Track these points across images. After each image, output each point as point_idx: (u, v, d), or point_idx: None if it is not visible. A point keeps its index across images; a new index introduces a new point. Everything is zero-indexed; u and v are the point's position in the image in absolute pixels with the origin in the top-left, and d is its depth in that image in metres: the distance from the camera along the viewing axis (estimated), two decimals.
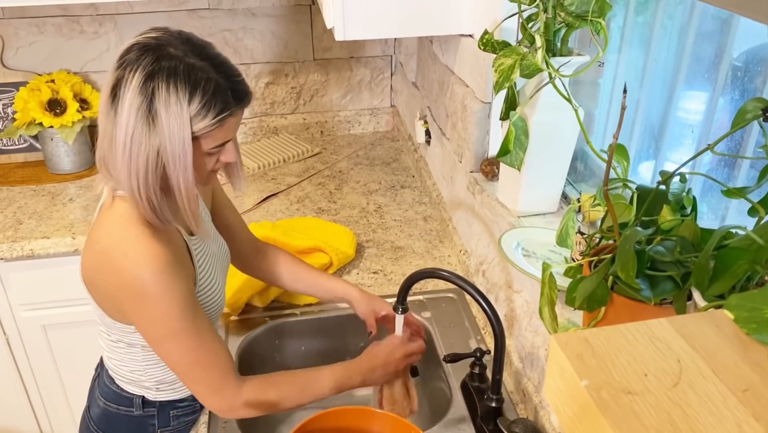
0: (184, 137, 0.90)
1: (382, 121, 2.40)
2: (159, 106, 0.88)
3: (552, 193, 1.24)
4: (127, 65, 0.89)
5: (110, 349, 1.13)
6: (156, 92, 0.87)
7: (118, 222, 0.97)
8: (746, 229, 0.58)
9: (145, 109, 0.88)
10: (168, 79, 0.88)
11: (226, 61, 0.95)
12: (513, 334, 1.26)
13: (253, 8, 2.12)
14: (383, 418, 1.05)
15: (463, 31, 1.43)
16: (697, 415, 0.38)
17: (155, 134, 0.89)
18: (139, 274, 0.94)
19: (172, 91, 0.88)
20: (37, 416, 2.01)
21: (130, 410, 1.17)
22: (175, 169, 0.92)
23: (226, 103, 0.92)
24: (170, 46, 0.90)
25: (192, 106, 0.89)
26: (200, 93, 0.89)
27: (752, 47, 0.87)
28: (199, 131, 0.91)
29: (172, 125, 0.89)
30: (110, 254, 0.96)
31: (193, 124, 0.90)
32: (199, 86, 0.89)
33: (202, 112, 0.90)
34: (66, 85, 1.95)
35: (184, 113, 0.89)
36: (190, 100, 0.89)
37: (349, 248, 1.60)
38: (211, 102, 0.90)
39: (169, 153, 0.91)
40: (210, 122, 0.91)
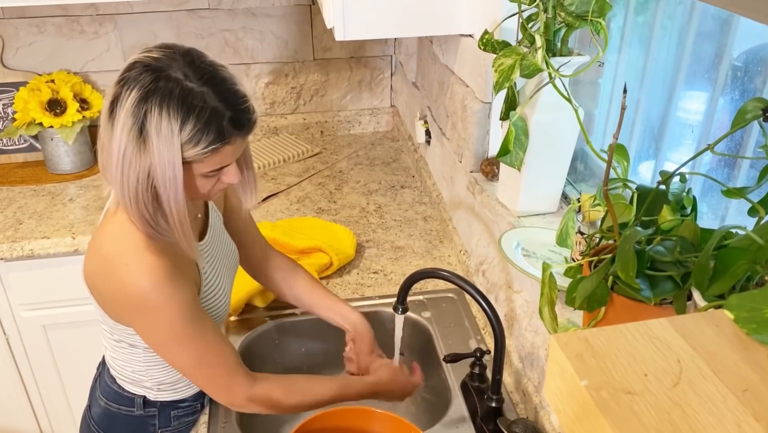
0: (174, 162, 0.88)
1: (382, 121, 2.40)
2: (150, 129, 0.86)
3: (552, 194, 1.24)
4: (126, 83, 0.88)
5: (113, 349, 1.13)
6: (148, 115, 0.86)
7: (122, 230, 0.97)
8: (746, 229, 0.58)
9: (136, 131, 0.86)
10: (162, 102, 0.86)
11: (232, 86, 0.92)
12: (513, 334, 1.26)
13: (253, 8, 2.12)
14: (383, 418, 1.05)
15: (463, 31, 1.43)
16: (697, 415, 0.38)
17: (146, 156, 0.88)
18: (140, 284, 0.94)
19: (164, 116, 0.86)
20: (37, 416, 2.01)
21: (131, 410, 1.17)
22: (166, 191, 0.90)
23: (220, 132, 0.89)
24: (171, 69, 0.88)
25: (184, 133, 0.87)
26: (193, 120, 0.87)
27: (752, 47, 0.87)
28: (191, 158, 0.89)
29: (162, 149, 0.87)
30: (112, 262, 0.96)
31: (184, 150, 0.88)
32: (193, 113, 0.86)
33: (194, 140, 0.88)
34: (66, 85, 1.95)
35: (175, 139, 0.87)
36: (182, 126, 0.86)
37: (349, 247, 1.60)
38: (204, 130, 0.87)
39: (159, 175, 0.89)
40: (202, 150, 0.89)
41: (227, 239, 1.20)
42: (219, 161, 0.93)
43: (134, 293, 0.94)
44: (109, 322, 1.06)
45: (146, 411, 1.17)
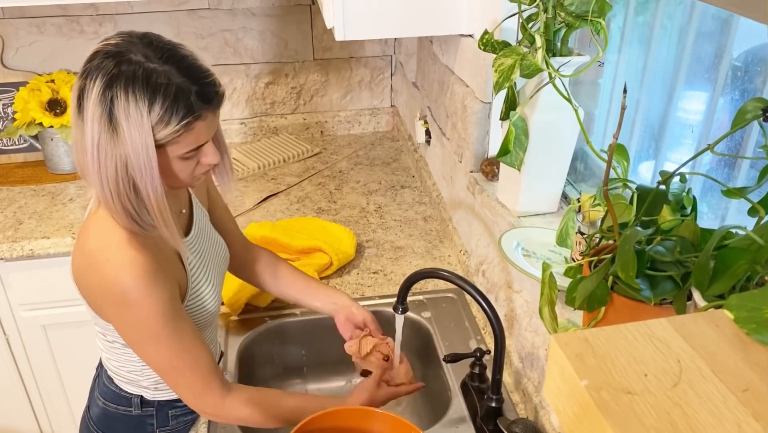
0: (147, 146, 0.87)
1: (382, 121, 2.40)
2: (119, 115, 0.85)
3: (552, 194, 1.24)
4: (89, 74, 0.87)
5: (107, 349, 1.13)
6: (115, 101, 0.85)
7: (103, 226, 0.96)
8: (746, 229, 0.58)
9: (106, 119, 0.86)
10: (126, 86, 0.85)
11: (194, 62, 0.91)
12: (513, 334, 1.26)
13: (253, 8, 2.12)
14: (383, 418, 1.05)
15: (463, 31, 1.43)
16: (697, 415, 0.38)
17: (119, 143, 0.87)
18: (120, 279, 0.93)
19: (131, 99, 0.85)
20: (37, 416, 2.01)
21: (129, 410, 1.17)
22: (143, 177, 0.89)
23: (189, 108, 0.88)
24: (131, 52, 0.87)
25: (153, 114, 0.86)
26: (161, 99, 0.86)
27: (752, 47, 0.86)
28: (164, 138, 0.88)
29: (133, 135, 0.86)
30: (95, 258, 0.96)
31: (156, 132, 0.87)
32: (159, 92, 0.86)
33: (164, 119, 0.87)
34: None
35: (145, 121, 0.86)
36: (150, 108, 0.85)
37: (349, 247, 1.60)
38: (173, 107, 0.86)
39: (134, 162, 0.88)
40: (174, 129, 0.88)
41: (215, 236, 1.20)
42: (194, 140, 0.91)
43: (114, 288, 0.94)
44: (100, 322, 1.06)
45: (144, 411, 1.17)
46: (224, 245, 1.22)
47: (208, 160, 0.96)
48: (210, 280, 1.13)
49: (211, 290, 1.13)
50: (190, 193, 1.14)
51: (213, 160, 0.97)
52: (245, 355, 1.39)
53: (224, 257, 1.21)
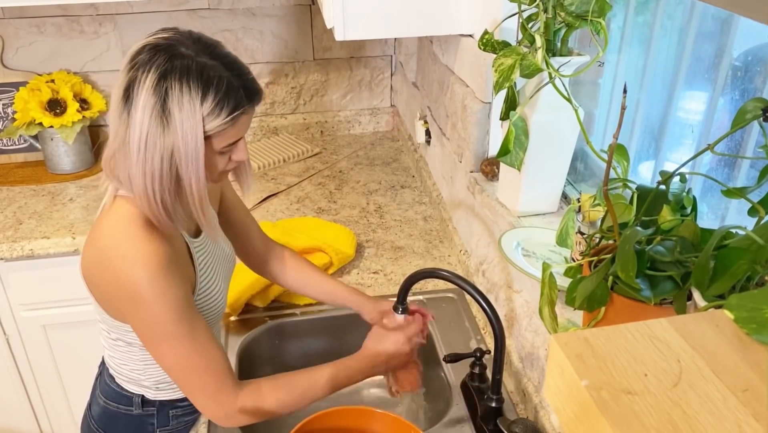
0: (197, 136, 0.90)
1: (382, 121, 2.40)
2: (173, 106, 0.88)
3: (552, 194, 1.24)
4: (140, 66, 0.89)
5: (110, 347, 1.13)
6: (169, 92, 0.87)
7: (119, 222, 0.97)
8: (746, 229, 0.58)
9: (159, 110, 0.88)
10: (181, 78, 0.87)
11: (237, 59, 0.96)
12: (513, 334, 1.26)
13: (253, 8, 2.12)
14: (383, 418, 1.05)
15: (463, 31, 1.43)
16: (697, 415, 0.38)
17: (169, 134, 0.89)
18: (135, 276, 0.93)
19: (185, 91, 0.88)
20: (37, 416, 2.01)
21: (130, 409, 1.17)
22: (188, 169, 0.92)
23: (238, 102, 0.92)
24: (181, 46, 0.90)
25: (205, 105, 0.89)
26: (213, 92, 0.89)
27: (752, 47, 0.86)
28: (212, 130, 0.91)
29: (185, 125, 0.89)
30: (109, 254, 0.96)
31: (206, 123, 0.90)
32: (211, 85, 0.89)
33: (215, 111, 0.90)
34: (66, 85, 1.95)
35: (197, 112, 0.89)
36: (203, 99, 0.89)
37: (349, 247, 1.60)
38: (224, 101, 0.90)
39: (182, 153, 0.90)
40: (223, 121, 0.91)
41: (223, 237, 1.20)
42: (235, 134, 0.95)
43: (129, 284, 0.94)
44: (107, 320, 1.06)
45: (145, 410, 1.17)
46: (231, 249, 1.22)
47: (239, 156, 0.99)
48: (217, 281, 1.13)
49: (218, 290, 1.13)
50: None
51: (243, 157, 1.00)
52: (245, 355, 1.39)
53: (231, 260, 1.21)
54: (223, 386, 1.02)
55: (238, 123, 0.94)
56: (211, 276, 1.11)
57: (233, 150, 0.98)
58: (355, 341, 1.49)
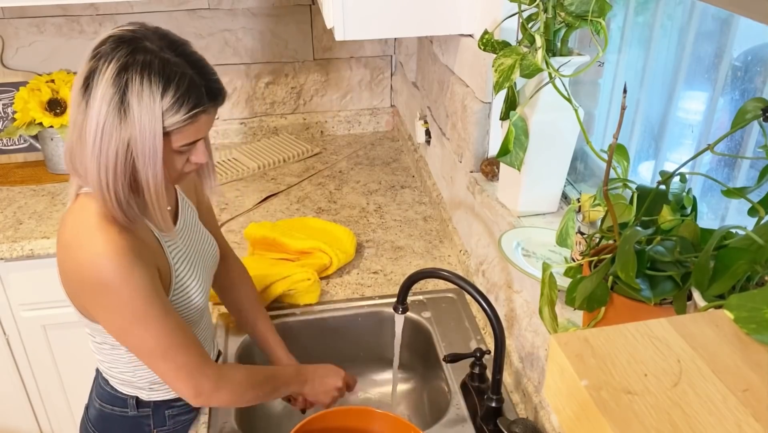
0: (155, 131, 0.89)
1: (382, 121, 2.40)
2: (131, 98, 0.87)
3: (552, 194, 1.24)
4: (102, 56, 0.88)
5: (98, 351, 1.13)
6: (129, 84, 0.86)
7: (79, 217, 0.96)
8: (746, 229, 0.58)
9: (117, 101, 0.87)
10: (142, 71, 0.87)
11: (202, 59, 0.95)
12: (513, 334, 1.26)
13: (253, 8, 2.12)
14: (383, 418, 1.05)
15: (463, 31, 1.43)
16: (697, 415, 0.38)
17: (126, 127, 0.88)
18: (96, 264, 0.92)
19: (145, 84, 0.87)
20: (37, 416, 2.01)
21: (125, 411, 1.16)
22: (145, 164, 0.91)
23: (199, 100, 0.91)
24: (146, 40, 0.89)
25: (165, 101, 0.88)
26: (174, 87, 0.88)
27: (752, 47, 0.86)
28: (171, 126, 0.90)
29: (143, 118, 0.88)
30: (70, 247, 0.95)
31: (165, 119, 0.89)
32: (173, 81, 0.88)
33: (175, 107, 0.89)
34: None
35: (157, 107, 0.88)
36: (163, 94, 0.88)
37: (350, 247, 1.60)
38: (184, 97, 0.89)
39: (139, 146, 0.89)
40: (182, 117, 0.90)
41: (204, 233, 1.19)
42: (194, 133, 0.94)
43: (91, 274, 0.93)
44: (86, 322, 1.05)
45: (140, 411, 1.16)
46: (214, 242, 1.21)
47: (198, 159, 0.98)
48: (196, 275, 1.11)
49: (197, 285, 1.11)
50: (176, 190, 1.14)
51: (202, 159, 0.99)
52: (245, 355, 1.39)
53: (213, 254, 1.20)
54: (206, 362, 1.03)
55: (198, 122, 0.93)
56: (188, 270, 1.09)
57: (192, 151, 0.97)
58: (354, 340, 1.49)
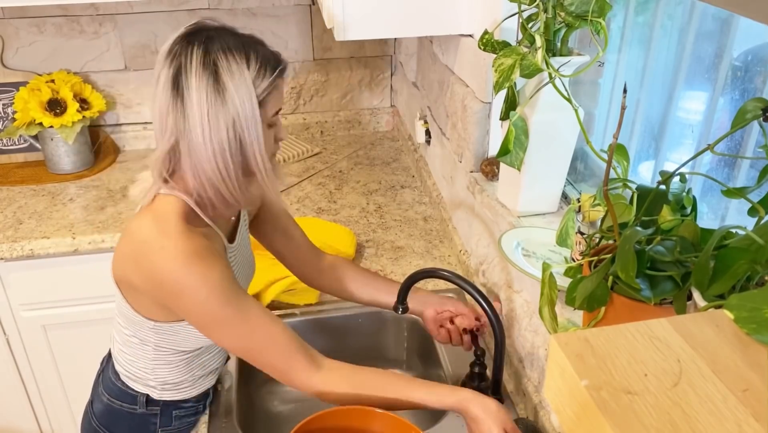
0: (252, 100, 0.93)
1: (382, 121, 2.40)
2: (224, 77, 0.91)
3: (552, 193, 1.24)
4: (180, 53, 0.92)
5: (123, 342, 1.13)
6: (218, 63, 0.91)
7: (160, 217, 0.97)
8: (746, 229, 0.58)
9: (213, 85, 0.91)
10: (224, 51, 0.92)
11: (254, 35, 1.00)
12: (513, 334, 1.26)
13: (253, 8, 2.12)
14: (383, 418, 1.05)
15: (463, 31, 1.43)
16: (697, 415, 0.38)
17: (228, 105, 0.92)
18: (173, 267, 0.94)
19: (231, 60, 0.92)
20: (37, 416, 2.01)
21: (134, 408, 1.17)
22: (250, 134, 0.94)
23: (277, 62, 0.97)
24: (208, 29, 0.95)
25: (251, 70, 0.93)
26: (254, 56, 0.94)
27: (752, 47, 0.87)
28: (262, 93, 0.95)
29: (240, 91, 0.92)
30: (147, 247, 0.96)
31: (256, 87, 0.94)
32: (251, 50, 0.94)
33: (261, 73, 0.94)
34: (66, 85, 1.95)
35: (247, 77, 0.93)
36: (248, 64, 0.93)
37: (350, 247, 1.60)
38: (265, 62, 0.95)
39: (242, 120, 0.93)
40: (269, 81, 0.95)
41: (248, 246, 1.21)
42: (278, 99, 0.99)
43: (169, 276, 0.95)
44: (128, 314, 1.06)
45: (149, 409, 1.17)
46: (253, 257, 1.23)
47: (282, 135, 1.04)
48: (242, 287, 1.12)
49: None
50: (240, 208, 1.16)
51: (284, 135, 1.05)
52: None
53: (252, 266, 1.23)
54: (292, 365, 1.01)
55: (279, 87, 0.98)
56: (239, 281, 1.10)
57: (277, 128, 1.02)
58: (354, 340, 1.49)
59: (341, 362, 1.06)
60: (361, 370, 1.06)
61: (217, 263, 0.97)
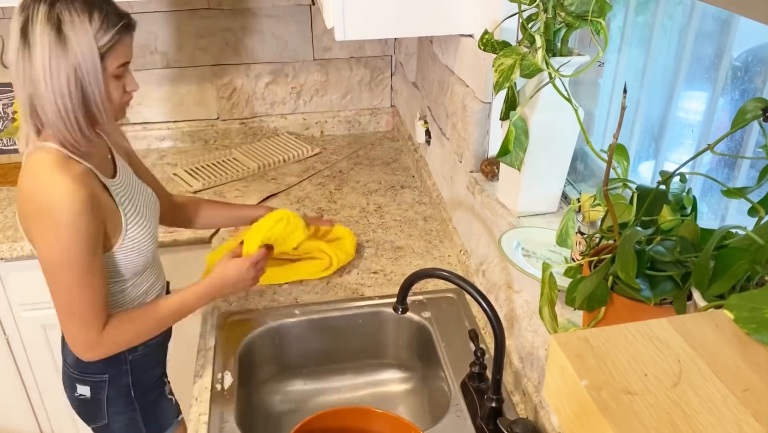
0: (93, 51, 1.03)
1: (382, 121, 2.40)
2: (67, 30, 1.00)
3: (552, 194, 1.24)
4: (28, 6, 1.01)
5: None
6: (61, 17, 1.00)
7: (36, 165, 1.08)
8: (746, 229, 0.58)
9: (55, 35, 1.00)
10: (68, 5, 1.01)
11: None
12: (513, 334, 1.26)
13: (253, 8, 2.12)
14: (383, 418, 1.05)
15: (463, 31, 1.43)
16: (697, 415, 0.38)
17: (69, 55, 1.01)
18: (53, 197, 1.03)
19: (74, 14, 1.01)
20: (37, 416, 2.01)
21: None
22: (91, 82, 1.04)
23: (119, 20, 1.06)
24: None
25: (94, 24, 1.02)
26: (97, 11, 1.03)
27: (752, 47, 0.87)
28: (104, 46, 1.04)
29: (81, 43, 1.01)
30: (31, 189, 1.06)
31: (98, 40, 1.03)
32: (95, 6, 1.03)
33: (103, 27, 1.03)
34: None
35: (89, 30, 1.02)
36: (91, 19, 1.02)
37: (350, 247, 1.60)
38: (108, 18, 1.04)
39: (83, 69, 1.02)
40: (111, 35, 1.04)
41: (140, 183, 1.29)
42: (123, 53, 1.08)
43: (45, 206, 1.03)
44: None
45: None
46: (151, 191, 1.31)
47: (131, 86, 1.13)
48: (143, 219, 1.22)
49: (145, 228, 1.21)
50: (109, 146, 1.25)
51: (135, 87, 1.13)
52: (245, 355, 1.39)
53: (154, 201, 1.31)
54: (98, 319, 1.12)
55: (125, 42, 1.07)
56: (135, 214, 1.20)
57: (126, 79, 1.11)
58: (354, 341, 1.49)
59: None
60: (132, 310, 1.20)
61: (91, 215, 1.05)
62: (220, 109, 2.27)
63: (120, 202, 1.17)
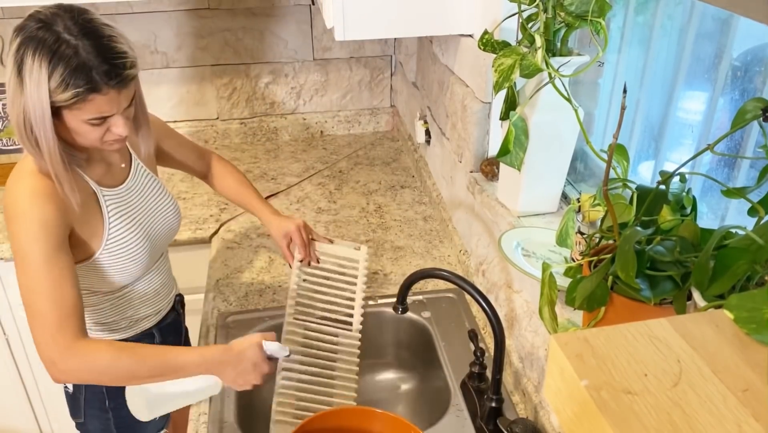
0: (43, 104, 0.98)
1: (382, 121, 2.40)
2: (24, 74, 0.97)
3: (552, 193, 1.24)
4: (16, 29, 1.00)
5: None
6: (24, 60, 0.97)
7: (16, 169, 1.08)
8: (746, 229, 0.58)
9: (16, 74, 0.98)
10: (35, 50, 0.96)
11: (110, 43, 1.00)
12: (513, 334, 1.26)
13: (253, 8, 2.12)
14: (383, 418, 1.05)
15: (463, 31, 1.43)
16: (697, 415, 0.38)
17: (22, 96, 0.99)
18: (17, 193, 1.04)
19: (35, 62, 0.96)
20: (37, 416, 2.01)
21: None
22: (38, 130, 1.00)
23: (89, 81, 0.98)
24: (56, 23, 0.98)
25: (53, 80, 0.96)
26: (62, 68, 0.96)
27: (752, 47, 0.87)
28: (62, 103, 0.99)
29: (32, 91, 0.97)
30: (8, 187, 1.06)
31: (54, 95, 0.97)
32: (62, 61, 0.96)
33: (62, 86, 0.97)
34: None
35: (43, 83, 0.96)
36: (51, 73, 0.96)
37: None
38: (71, 77, 0.97)
39: (31, 116, 0.99)
40: (70, 95, 0.97)
41: (160, 203, 1.27)
42: (95, 110, 1.01)
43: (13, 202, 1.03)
44: None
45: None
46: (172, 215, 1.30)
47: (118, 131, 1.06)
48: (138, 234, 1.19)
49: (138, 242, 1.19)
50: (131, 154, 1.24)
51: (122, 132, 1.06)
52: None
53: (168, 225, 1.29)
54: (65, 327, 1.01)
55: (95, 101, 1.00)
56: (128, 227, 1.17)
57: (110, 123, 1.05)
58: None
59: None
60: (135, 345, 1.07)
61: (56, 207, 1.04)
62: (219, 109, 2.27)
63: (108, 210, 1.15)
